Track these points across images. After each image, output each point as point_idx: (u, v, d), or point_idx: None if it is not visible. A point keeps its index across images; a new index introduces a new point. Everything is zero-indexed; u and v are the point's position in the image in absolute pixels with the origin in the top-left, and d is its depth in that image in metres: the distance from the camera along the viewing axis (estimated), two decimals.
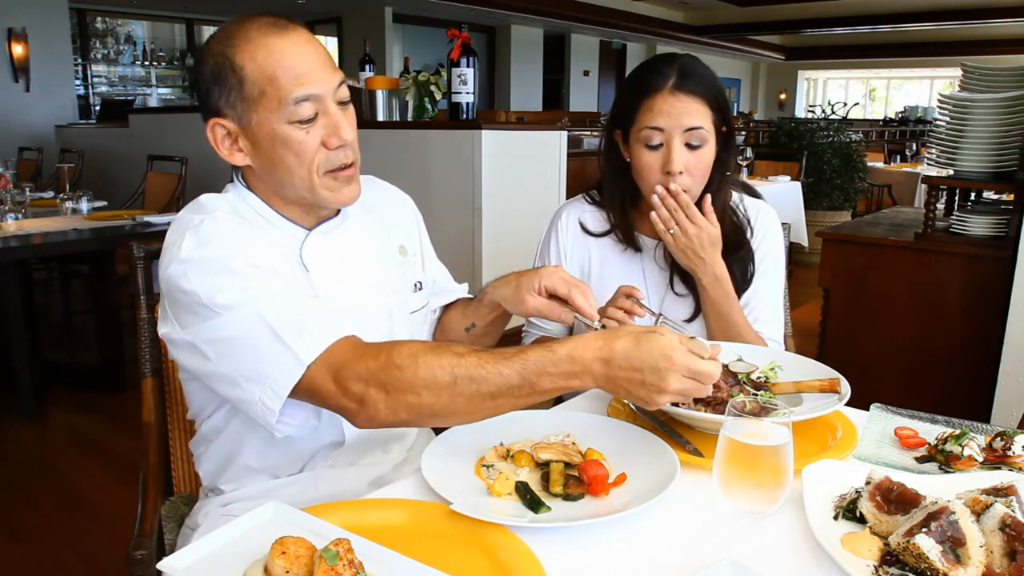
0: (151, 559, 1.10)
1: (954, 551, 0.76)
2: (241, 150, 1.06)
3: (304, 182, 1.05)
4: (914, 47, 15.42)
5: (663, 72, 1.36)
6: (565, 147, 4.33)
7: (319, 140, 1.03)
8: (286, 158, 1.03)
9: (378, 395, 0.90)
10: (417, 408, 0.91)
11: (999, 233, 2.47)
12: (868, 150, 7.63)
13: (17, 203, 3.52)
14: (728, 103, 1.41)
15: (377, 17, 11.14)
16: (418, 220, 1.37)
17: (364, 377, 0.91)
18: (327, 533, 0.78)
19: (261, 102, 1.01)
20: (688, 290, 1.47)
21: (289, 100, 1.00)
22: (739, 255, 1.46)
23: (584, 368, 0.87)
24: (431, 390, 0.89)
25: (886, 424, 1.17)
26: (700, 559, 0.82)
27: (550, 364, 0.87)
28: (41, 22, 7.74)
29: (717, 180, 1.42)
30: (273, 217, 1.11)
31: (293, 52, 1.01)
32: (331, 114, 1.04)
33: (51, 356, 3.80)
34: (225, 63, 1.01)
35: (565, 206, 1.58)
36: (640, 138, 1.37)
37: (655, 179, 1.37)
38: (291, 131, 1.02)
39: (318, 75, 1.02)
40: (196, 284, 0.96)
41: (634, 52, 15.59)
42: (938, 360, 2.58)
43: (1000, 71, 2.51)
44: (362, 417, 0.93)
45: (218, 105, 1.03)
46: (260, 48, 1.00)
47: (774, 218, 1.55)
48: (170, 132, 5.98)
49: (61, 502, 2.60)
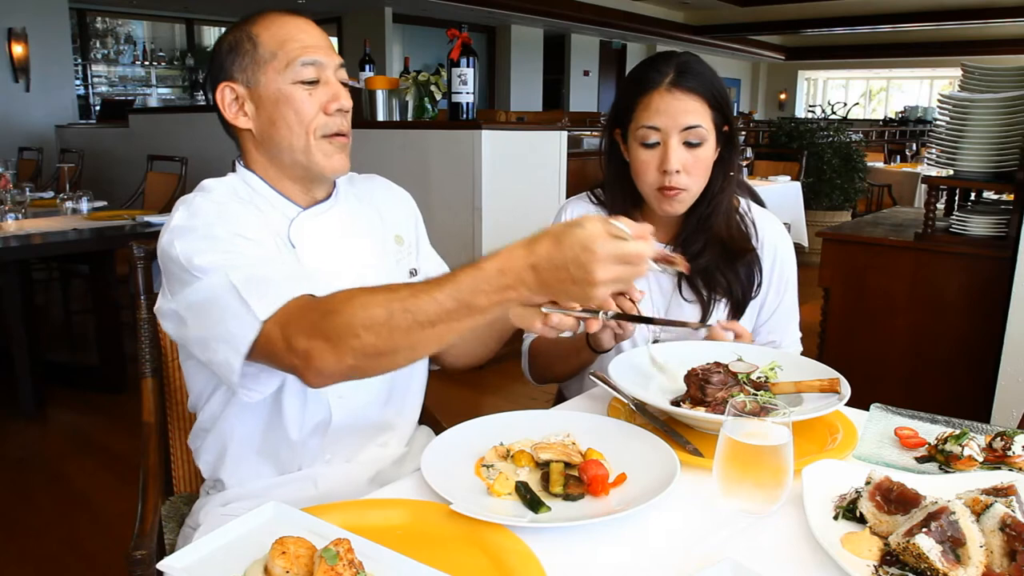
0: (151, 559, 1.10)
1: (954, 551, 0.76)
2: (246, 114, 1.14)
3: (301, 141, 1.13)
4: (914, 47, 15.41)
5: (661, 69, 1.34)
6: (565, 147, 4.33)
7: (319, 104, 1.13)
8: (287, 116, 1.12)
9: (323, 346, 0.91)
10: (361, 350, 0.90)
11: (999, 233, 2.47)
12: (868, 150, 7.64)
13: (17, 203, 3.52)
14: (729, 102, 1.39)
15: (377, 17, 11.14)
16: (416, 217, 1.39)
17: (307, 330, 0.92)
18: (327, 533, 0.78)
19: (271, 63, 1.11)
20: (695, 296, 1.45)
21: (296, 62, 1.11)
22: (745, 260, 1.45)
23: (517, 278, 0.86)
24: (369, 329, 0.89)
25: (886, 424, 1.17)
26: (700, 559, 0.82)
27: (482, 281, 0.87)
28: (41, 22, 7.74)
29: (720, 180, 1.41)
30: (269, 194, 1.17)
31: (303, 28, 1.14)
32: (332, 83, 1.14)
33: (51, 356, 3.80)
34: (243, 35, 1.13)
35: (570, 203, 1.56)
36: (637, 136, 1.36)
37: (652, 178, 1.36)
38: (295, 90, 1.11)
39: (323, 50, 1.14)
40: (179, 249, 1.02)
41: (634, 52, 15.58)
42: (938, 360, 2.58)
43: (1000, 71, 2.51)
44: (311, 371, 0.93)
45: (231, 70, 1.13)
46: (275, 23, 1.14)
47: (783, 232, 1.52)
48: (170, 132, 5.98)
49: (61, 502, 2.60)
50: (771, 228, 1.50)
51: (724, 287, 1.45)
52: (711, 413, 1.08)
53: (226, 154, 1.25)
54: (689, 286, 1.45)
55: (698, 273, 1.44)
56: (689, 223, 1.44)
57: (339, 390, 1.14)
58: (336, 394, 1.15)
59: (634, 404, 1.15)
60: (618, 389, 1.17)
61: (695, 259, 1.43)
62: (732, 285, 1.45)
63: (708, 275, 1.44)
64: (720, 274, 1.44)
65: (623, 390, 1.16)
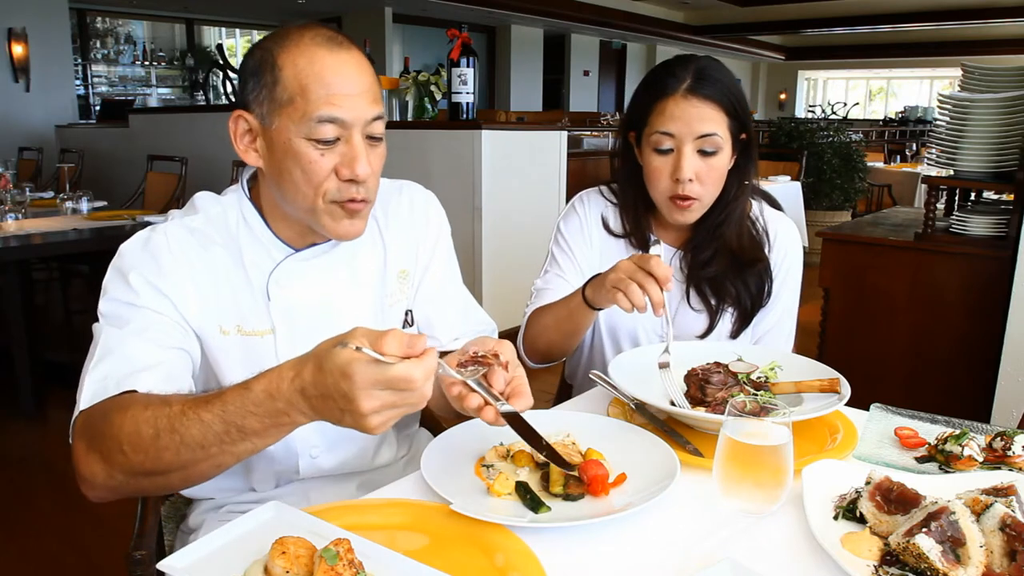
0: (151, 559, 1.10)
1: (954, 551, 0.76)
2: (256, 150, 1.03)
3: (307, 202, 1.00)
4: (914, 47, 15.40)
5: (678, 75, 1.31)
6: (565, 147, 4.33)
7: (332, 166, 0.99)
8: (294, 173, 0.99)
9: (95, 458, 0.86)
10: (128, 468, 0.84)
11: (999, 233, 2.47)
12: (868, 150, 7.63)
13: (17, 203, 3.52)
14: (747, 109, 1.35)
15: (377, 17, 11.14)
16: (437, 237, 1.25)
17: (87, 439, 0.87)
18: (327, 533, 0.78)
19: (287, 109, 0.97)
20: (703, 306, 1.43)
21: (313, 116, 0.96)
22: (755, 270, 1.42)
23: (288, 403, 0.77)
24: (136, 448, 0.82)
25: (886, 424, 1.17)
26: (700, 559, 0.82)
27: (250, 404, 0.78)
28: (41, 22, 7.73)
29: (734, 188, 1.38)
30: (261, 231, 1.07)
31: (335, 70, 0.97)
32: (353, 145, 0.98)
33: (51, 356, 3.81)
34: (268, 59, 0.98)
35: (585, 195, 1.51)
36: (651, 142, 1.33)
37: (664, 186, 1.33)
38: (306, 148, 0.97)
39: (352, 101, 0.97)
40: (106, 279, 1.02)
41: (634, 52, 15.58)
42: (938, 360, 2.58)
43: (1000, 71, 2.51)
44: (81, 480, 0.88)
45: (248, 98, 1.01)
46: (304, 55, 0.97)
47: (795, 236, 1.48)
48: (170, 132, 5.98)
49: (61, 502, 2.60)
50: (784, 233, 1.47)
51: (733, 296, 1.42)
52: (711, 413, 1.08)
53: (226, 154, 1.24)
54: (697, 294, 1.43)
55: (707, 281, 1.41)
56: (700, 230, 1.42)
57: (311, 451, 1.11)
58: (309, 455, 1.12)
59: (634, 404, 1.15)
60: (618, 389, 1.17)
61: (704, 267, 1.40)
62: (741, 294, 1.42)
63: (717, 284, 1.41)
64: (729, 283, 1.41)
65: (623, 390, 1.16)
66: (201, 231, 1.05)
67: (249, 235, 1.07)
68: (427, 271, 1.23)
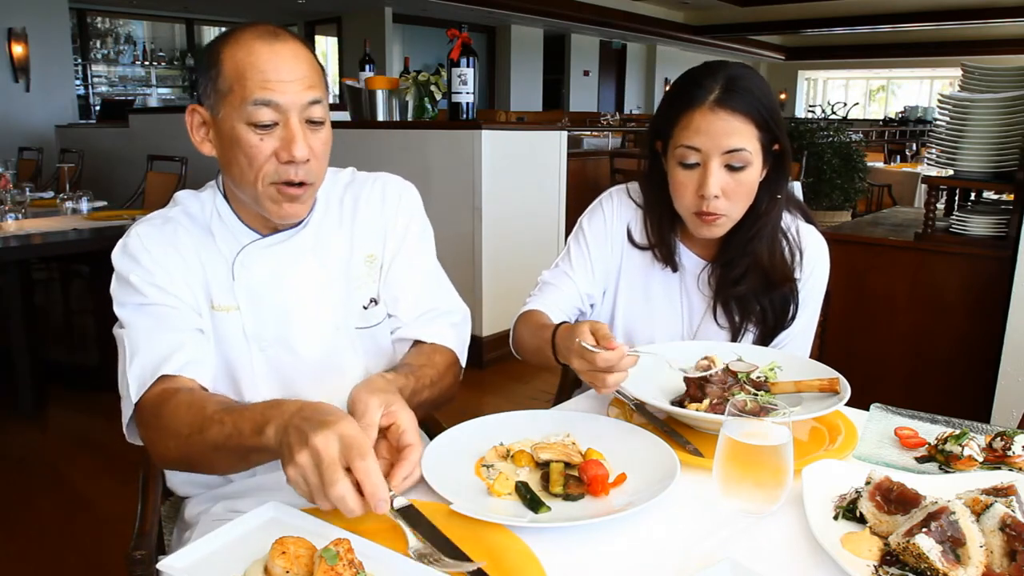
0: (151, 559, 1.10)
1: (954, 551, 0.76)
2: (210, 141, 1.10)
3: (250, 187, 1.06)
4: (914, 47, 15.41)
5: (705, 85, 1.23)
6: (565, 147, 4.33)
7: (272, 150, 1.04)
8: (239, 158, 1.05)
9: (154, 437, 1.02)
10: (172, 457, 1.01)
11: (999, 233, 2.47)
12: (868, 150, 7.62)
13: (17, 203, 3.52)
14: (780, 119, 1.27)
15: (377, 17, 11.14)
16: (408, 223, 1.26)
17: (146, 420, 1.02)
18: (327, 533, 0.78)
19: (228, 97, 1.04)
20: (728, 323, 1.38)
21: (249, 100, 1.02)
22: (780, 291, 1.36)
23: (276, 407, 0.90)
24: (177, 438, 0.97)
25: (886, 424, 1.17)
26: (700, 559, 0.82)
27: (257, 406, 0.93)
28: (41, 22, 7.73)
29: (765, 202, 1.31)
30: (229, 219, 1.15)
31: (270, 59, 1.03)
32: (291, 128, 1.03)
33: (51, 356, 3.80)
34: (214, 54, 1.05)
35: (615, 195, 1.46)
36: (676, 155, 1.27)
37: (690, 201, 1.27)
38: (246, 133, 1.03)
39: (286, 86, 1.03)
40: (111, 287, 1.12)
41: (634, 52, 15.59)
42: (938, 360, 2.58)
43: (1000, 71, 2.51)
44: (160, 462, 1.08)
45: (200, 92, 1.08)
46: (243, 48, 1.04)
47: (824, 254, 1.42)
48: (170, 132, 5.97)
49: (61, 502, 2.60)
50: (813, 247, 1.40)
51: (758, 315, 1.38)
52: (711, 413, 1.08)
53: None
54: (724, 310, 1.38)
55: (734, 299, 1.37)
56: (731, 244, 1.35)
57: None
58: None
59: (634, 404, 1.15)
60: (618, 389, 1.17)
61: (735, 285, 1.35)
62: (766, 313, 1.38)
63: (744, 301, 1.37)
64: (756, 301, 1.37)
65: (623, 390, 1.16)
66: (175, 219, 1.15)
67: (220, 224, 1.15)
68: (396, 255, 1.24)
